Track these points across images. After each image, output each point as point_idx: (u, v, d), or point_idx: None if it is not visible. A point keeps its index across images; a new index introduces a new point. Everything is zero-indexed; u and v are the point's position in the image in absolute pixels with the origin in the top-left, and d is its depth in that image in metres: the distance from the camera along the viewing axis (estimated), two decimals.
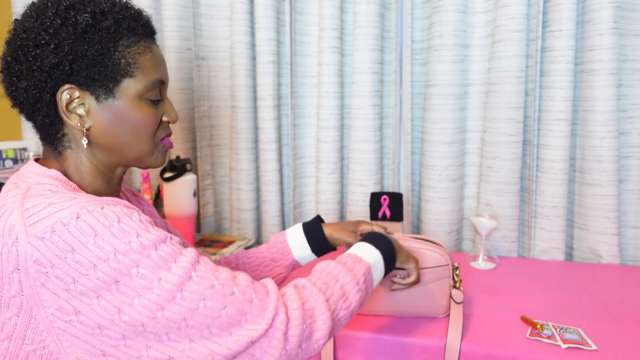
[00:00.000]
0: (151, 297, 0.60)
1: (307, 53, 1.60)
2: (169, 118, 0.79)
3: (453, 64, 1.43)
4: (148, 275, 0.61)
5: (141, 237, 0.62)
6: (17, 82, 0.70)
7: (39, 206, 0.62)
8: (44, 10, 0.70)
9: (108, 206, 0.63)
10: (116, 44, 0.71)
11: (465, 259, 1.39)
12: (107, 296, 0.60)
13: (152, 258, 0.61)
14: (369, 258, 0.81)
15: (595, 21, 1.29)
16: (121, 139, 0.74)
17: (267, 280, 0.71)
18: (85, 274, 0.59)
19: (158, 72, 0.75)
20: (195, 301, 0.62)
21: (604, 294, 1.16)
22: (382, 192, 1.29)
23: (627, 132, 1.37)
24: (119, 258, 0.60)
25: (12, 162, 1.85)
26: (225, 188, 1.75)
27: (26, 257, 0.60)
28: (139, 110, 0.74)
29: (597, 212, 1.36)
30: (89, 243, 0.60)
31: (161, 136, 0.78)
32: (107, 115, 0.72)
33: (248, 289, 0.66)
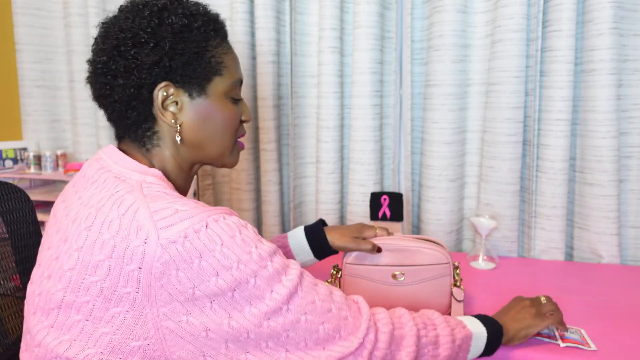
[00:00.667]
0: (261, 307, 0.63)
1: (307, 53, 1.60)
2: (246, 117, 0.82)
3: (453, 64, 1.43)
4: (263, 286, 0.63)
5: (259, 249, 0.65)
6: (112, 80, 0.72)
7: (167, 211, 0.63)
8: (140, 12, 0.73)
9: (227, 216, 0.66)
10: (207, 43, 0.75)
11: (465, 259, 1.39)
12: (221, 302, 0.62)
13: (268, 269, 0.64)
14: (472, 328, 0.81)
15: (595, 21, 1.29)
16: (207, 136, 0.77)
17: (359, 297, 0.74)
18: (207, 280, 0.61)
19: (239, 72, 0.80)
20: (298, 314, 0.65)
21: (604, 294, 1.16)
22: (382, 192, 1.29)
23: (628, 132, 1.37)
24: (240, 268, 0.62)
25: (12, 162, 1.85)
26: (225, 188, 1.75)
27: (154, 258, 0.60)
28: (225, 107, 0.77)
29: (597, 212, 1.36)
30: (216, 251, 0.62)
31: (239, 135, 0.82)
32: (197, 112, 0.75)
33: (344, 306, 0.69)
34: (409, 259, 0.99)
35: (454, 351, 0.76)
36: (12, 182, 1.16)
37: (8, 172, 1.79)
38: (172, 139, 0.76)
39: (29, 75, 1.84)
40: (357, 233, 1.02)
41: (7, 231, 0.98)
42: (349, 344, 0.67)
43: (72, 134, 1.90)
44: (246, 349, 0.63)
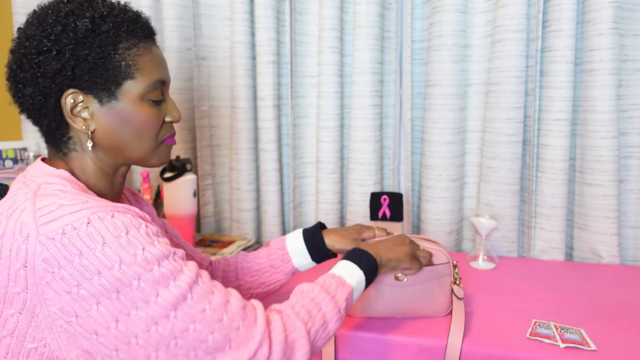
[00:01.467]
0: (148, 311, 0.62)
1: (307, 53, 1.60)
2: (172, 118, 0.80)
3: (453, 64, 1.43)
4: (147, 290, 0.62)
5: (146, 251, 0.63)
6: (22, 89, 0.72)
7: (51, 207, 0.63)
8: (45, 18, 0.71)
9: (118, 214, 0.65)
10: (116, 47, 0.72)
11: (465, 259, 1.39)
12: (106, 304, 0.61)
13: (154, 273, 0.63)
14: (352, 280, 0.81)
15: (595, 21, 1.29)
16: (125, 140, 0.75)
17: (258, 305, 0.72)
18: (90, 278, 0.61)
19: (158, 73, 0.76)
20: (186, 322, 0.63)
21: (604, 294, 1.16)
22: (382, 192, 1.29)
23: (627, 132, 1.37)
24: (123, 269, 0.61)
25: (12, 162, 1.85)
26: (225, 188, 1.75)
27: (35, 255, 0.61)
28: (141, 111, 0.75)
29: (597, 212, 1.36)
30: (96, 250, 0.61)
31: (164, 136, 0.80)
32: (110, 118, 0.74)
33: (237, 316, 0.67)
34: None
35: (342, 315, 0.77)
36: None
37: (8, 172, 1.79)
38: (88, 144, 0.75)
39: None
40: (356, 235, 1.01)
41: None
42: (240, 354, 0.65)
43: None
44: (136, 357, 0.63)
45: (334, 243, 1.00)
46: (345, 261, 0.85)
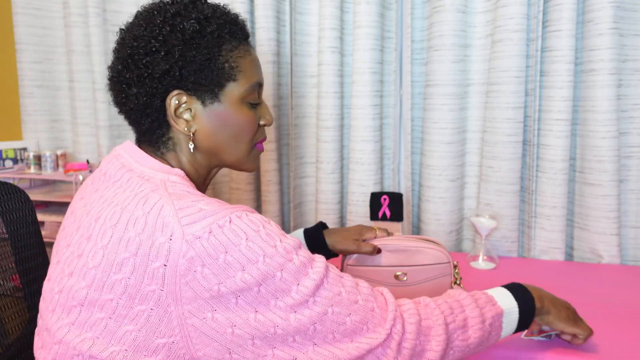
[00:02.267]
0: (287, 301, 0.63)
1: (307, 53, 1.60)
2: (265, 121, 0.80)
3: (453, 64, 1.43)
4: (289, 279, 0.63)
5: (284, 242, 0.65)
6: (127, 89, 0.72)
7: (191, 209, 0.63)
8: (152, 19, 0.72)
9: (249, 212, 0.66)
10: (220, 48, 0.73)
11: (465, 259, 1.39)
12: (247, 297, 0.62)
13: (294, 262, 0.64)
14: (503, 304, 0.79)
15: (595, 21, 1.29)
16: (223, 142, 0.76)
17: (384, 289, 0.73)
18: (233, 275, 0.61)
19: (257, 75, 0.77)
20: (324, 306, 0.65)
21: (604, 294, 1.16)
22: (382, 192, 1.29)
23: (628, 132, 1.37)
24: (267, 261, 0.62)
25: (12, 162, 1.85)
26: (225, 188, 1.75)
27: (179, 254, 0.60)
28: (241, 113, 0.76)
29: (598, 212, 1.36)
30: (241, 245, 0.62)
31: (257, 139, 0.80)
32: (211, 119, 0.74)
33: (370, 297, 0.69)
34: (411, 259, 0.99)
35: (485, 331, 0.75)
36: (12, 182, 1.16)
37: (8, 172, 1.79)
38: (187, 145, 0.76)
39: (29, 75, 1.84)
40: (357, 235, 1.01)
41: (7, 231, 0.98)
42: (377, 336, 0.67)
43: (72, 134, 1.90)
44: (273, 344, 0.63)
45: (335, 243, 1.00)
46: (501, 288, 0.82)
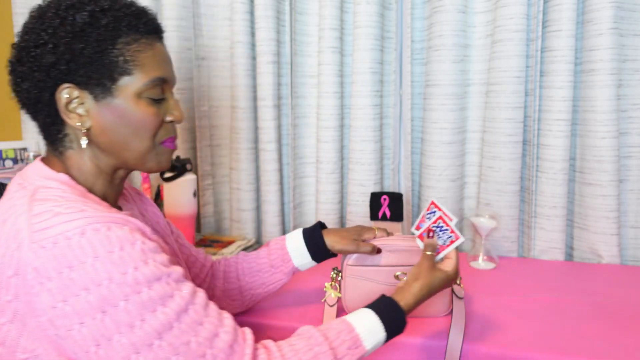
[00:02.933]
0: (130, 337, 0.59)
1: (307, 53, 1.60)
2: (172, 117, 0.76)
3: (453, 64, 1.43)
4: (134, 313, 0.59)
5: (138, 271, 0.60)
6: (21, 82, 0.71)
7: (47, 214, 0.61)
8: (46, 11, 0.70)
9: (115, 226, 0.62)
10: (114, 41, 0.70)
11: (465, 259, 1.39)
12: (90, 324, 0.59)
13: (142, 296, 0.60)
14: (369, 342, 0.74)
15: (595, 21, 1.29)
16: (121, 139, 0.73)
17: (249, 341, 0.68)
18: (77, 294, 0.58)
19: (159, 70, 0.74)
20: (168, 353, 0.60)
21: (604, 294, 1.16)
22: (382, 192, 1.29)
23: (627, 132, 1.37)
24: (111, 287, 0.59)
25: (12, 162, 1.85)
26: (225, 188, 1.75)
27: (26, 264, 0.59)
28: (138, 109, 0.72)
29: (597, 212, 1.36)
30: (87, 263, 0.59)
31: (163, 138, 0.76)
32: (106, 115, 0.71)
33: (221, 353, 0.64)
34: (411, 259, 0.99)
35: None
36: None
37: (8, 172, 1.79)
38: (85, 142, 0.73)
39: None
40: (356, 235, 1.01)
41: None
42: None
43: None
44: None
45: (334, 243, 0.99)
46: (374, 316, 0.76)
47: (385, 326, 0.75)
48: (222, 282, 1.03)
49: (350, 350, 0.72)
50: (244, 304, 1.03)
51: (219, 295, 1.03)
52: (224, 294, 1.03)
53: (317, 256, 1.00)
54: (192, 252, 1.02)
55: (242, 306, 1.04)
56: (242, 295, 1.02)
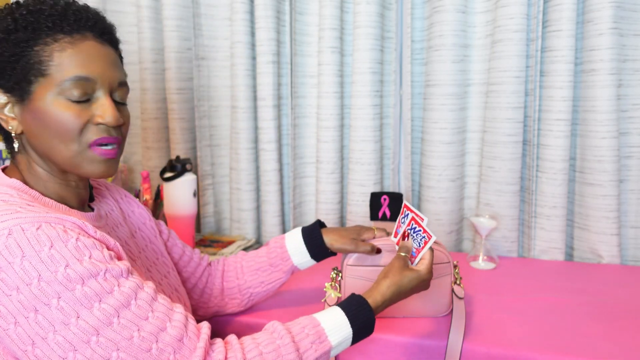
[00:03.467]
0: (66, 335, 0.59)
1: (307, 53, 1.60)
2: (100, 119, 0.71)
3: (453, 64, 1.43)
4: (67, 310, 0.59)
5: (69, 268, 0.60)
6: None
7: None
8: None
9: (46, 226, 0.61)
10: (35, 42, 0.69)
11: (465, 259, 1.39)
12: (23, 324, 0.59)
13: (75, 293, 0.59)
14: (335, 337, 0.73)
15: (595, 21, 1.29)
16: (46, 142, 0.71)
17: (203, 335, 0.67)
18: (8, 294, 0.58)
19: (79, 69, 0.70)
20: (108, 350, 0.60)
21: (604, 294, 1.16)
22: (382, 192, 1.29)
23: (628, 132, 1.37)
24: (41, 285, 0.59)
25: None
26: (225, 188, 1.75)
27: None
28: (56, 109, 0.69)
29: (598, 212, 1.36)
30: (15, 264, 0.59)
31: (90, 139, 0.71)
32: (29, 118, 0.71)
33: (168, 347, 0.63)
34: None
35: None
36: None
37: None
38: (28, 146, 0.73)
39: None
40: (356, 235, 1.01)
41: None
42: None
43: None
44: None
45: (333, 242, 0.99)
46: (339, 311, 0.76)
47: (351, 322, 0.75)
48: (220, 281, 1.04)
49: (314, 345, 0.71)
50: (243, 302, 1.03)
51: (218, 294, 1.03)
52: (223, 292, 1.03)
53: (316, 255, 1.00)
54: (185, 252, 1.02)
55: (241, 305, 1.04)
56: (242, 293, 1.02)
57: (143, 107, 1.67)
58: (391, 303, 0.82)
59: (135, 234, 0.91)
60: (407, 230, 0.93)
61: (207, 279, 1.04)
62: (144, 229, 0.94)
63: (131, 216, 0.93)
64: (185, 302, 0.92)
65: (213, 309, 1.04)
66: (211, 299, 1.03)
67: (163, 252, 0.95)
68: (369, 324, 0.77)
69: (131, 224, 0.92)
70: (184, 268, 1.00)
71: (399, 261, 0.86)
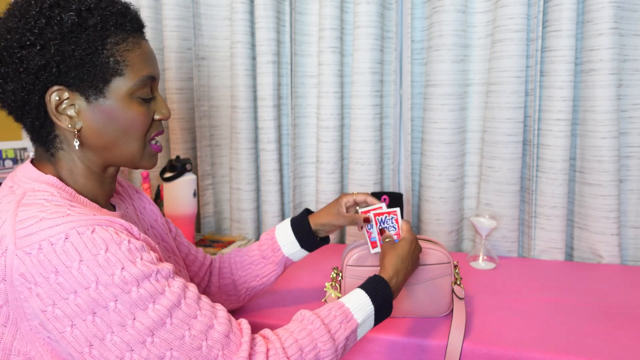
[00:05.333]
0: (123, 336, 0.60)
1: (307, 53, 1.60)
2: (161, 115, 0.76)
3: (453, 64, 1.43)
4: (124, 312, 0.60)
5: (125, 271, 0.61)
6: (4, 84, 0.68)
7: (32, 219, 0.61)
8: (28, 9, 0.66)
9: (100, 229, 0.62)
10: (104, 42, 0.69)
11: (465, 259, 1.39)
12: (81, 326, 0.59)
13: (132, 295, 0.60)
14: (359, 315, 0.77)
15: (595, 21, 1.29)
16: (112, 139, 0.72)
17: (246, 330, 0.69)
18: (65, 297, 0.59)
19: (148, 69, 0.73)
20: (162, 349, 0.61)
21: (604, 294, 1.16)
22: (382, 192, 1.29)
23: (628, 132, 1.37)
24: (99, 289, 0.59)
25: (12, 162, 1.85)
26: (225, 188, 1.75)
27: (12, 269, 0.59)
28: (130, 109, 0.72)
29: (597, 212, 1.36)
30: (73, 267, 0.59)
31: (150, 135, 0.76)
32: (98, 116, 0.71)
33: (217, 344, 0.65)
34: None
35: (337, 354, 0.74)
36: None
37: (8, 172, 1.79)
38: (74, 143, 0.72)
39: None
40: (337, 207, 1.00)
41: None
42: None
43: None
44: None
45: (318, 221, 1.00)
46: (360, 291, 0.81)
47: (372, 299, 0.80)
48: (217, 278, 1.04)
49: (343, 324, 0.75)
50: (239, 298, 1.04)
51: (215, 291, 1.04)
52: (220, 289, 1.04)
53: (305, 244, 1.00)
54: (191, 250, 1.02)
55: (238, 301, 1.04)
56: (237, 289, 1.03)
57: None
58: (401, 275, 0.87)
59: (147, 231, 0.91)
60: (379, 228, 0.98)
61: (209, 277, 1.04)
62: (156, 227, 0.94)
63: (144, 213, 0.93)
64: None
65: None
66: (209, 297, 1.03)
67: (174, 249, 0.96)
68: (387, 299, 0.81)
69: (144, 221, 0.92)
70: (189, 266, 1.01)
71: (387, 244, 0.93)
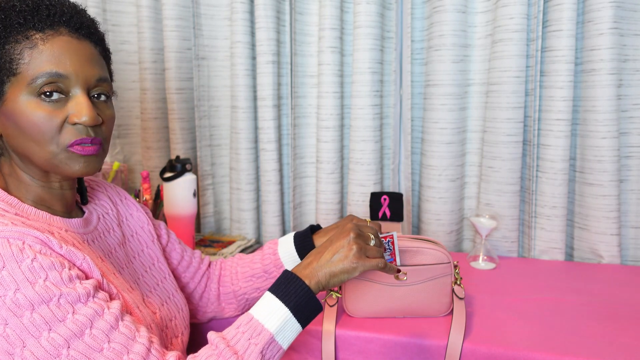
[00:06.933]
0: (36, 351, 0.55)
1: (307, 53, 1.60)
2: (76, 119, 0.67)
3: (453, 64, 1.43)
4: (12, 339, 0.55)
5: (19, 293, 0.56)
6: None
7: None
8: None
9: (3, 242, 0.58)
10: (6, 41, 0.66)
11: (465, 259, 1.39)
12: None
13: (23, 320, 0.55)
14: (271, 323, 0.68)
15: (595, 21, 1.29)
16: (23, 145, 0.67)
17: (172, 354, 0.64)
18: None
19: (50, 65, 0.66)
20: None
21: (604, 294, 1.16)
22: (382, 192, 1.29)
23: (628, 132, 1.37)
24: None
25: None
26: (225, 188, 1.75)
27: None
28: (29, 110, 0.65)
29: (598, 212, 1.36)
30: None
31: (69, 140, 0.67)
32: (6, 120, 0.67)
33: None
34: (411, 259, 0.99)
35: None
36: None
37: None
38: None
39: None
40: None
41: None
42: None
43: None
44: None
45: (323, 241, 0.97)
46: (269, 295, 0.71)
47: (283, 299, 0.69)
48: (217, 286, 1.03)
49: (252, 340, 0.66)
50: (240, 307, 1.03)
51: (215, 299, 1.03)
52: (220, 297, 1.03)
53: None
54: (184, 256, 1.00)
55: (238, 309, 1.03)
56: (237, 299, 1.02)
57: (143, 107, 1.67)
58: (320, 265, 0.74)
59: (130, 238, 0.89)
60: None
61: (206, 283, 1.03)
62: (140, 234, 0.92)
63: (129, 219, 0.92)
64: (182, 308, 0.90)
65: (211, 314, 1.03)
66: (209, 304, 1.02)
67: (160, 257, 0.93)
68: (307, 297, 0.70)
69: (127, 228, 0.90)
70: (183, 273, 0.99)
71: None
